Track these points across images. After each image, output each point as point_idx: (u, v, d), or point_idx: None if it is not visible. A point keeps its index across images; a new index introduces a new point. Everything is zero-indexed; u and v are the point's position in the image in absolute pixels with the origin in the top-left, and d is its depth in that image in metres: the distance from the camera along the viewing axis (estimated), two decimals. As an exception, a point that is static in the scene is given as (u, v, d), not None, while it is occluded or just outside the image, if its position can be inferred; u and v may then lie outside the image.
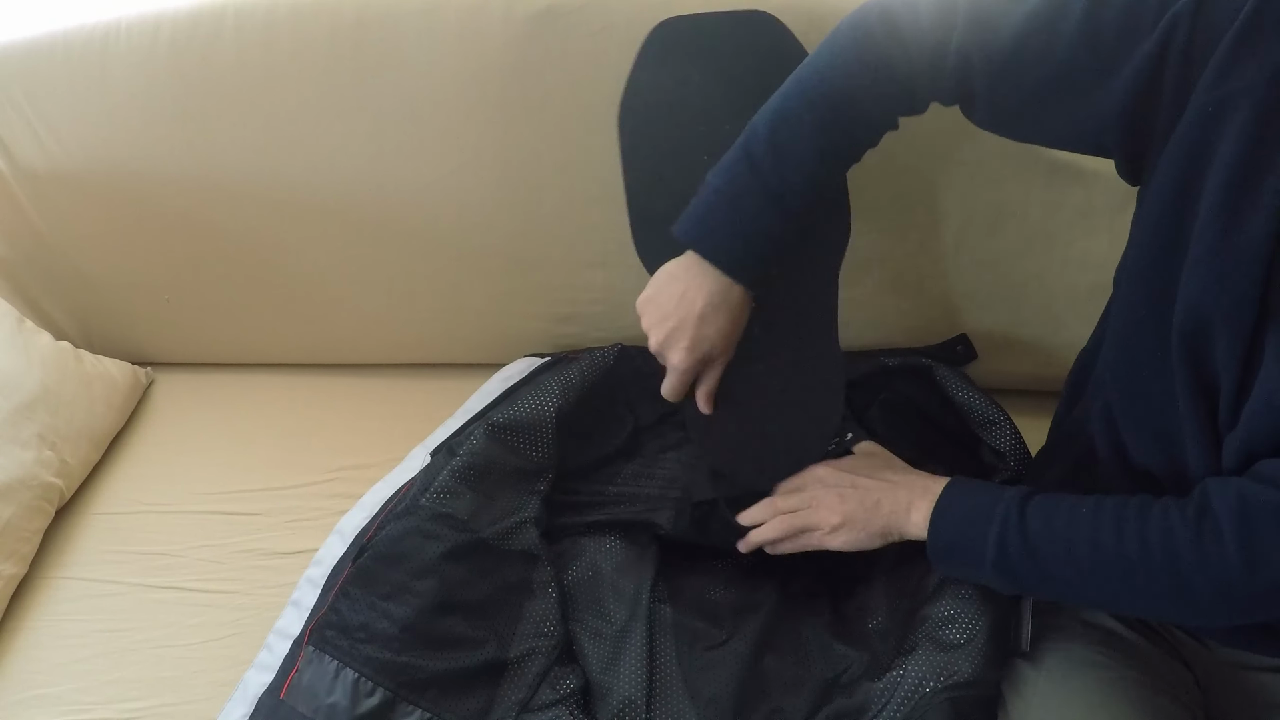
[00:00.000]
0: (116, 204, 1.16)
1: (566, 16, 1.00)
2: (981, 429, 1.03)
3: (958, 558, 0.80)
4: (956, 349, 1.15)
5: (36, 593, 1.05)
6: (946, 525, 0.80)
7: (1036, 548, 0.73)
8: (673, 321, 0.86)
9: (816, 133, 0.79)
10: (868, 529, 0.85)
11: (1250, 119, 0.61)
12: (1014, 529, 0.74)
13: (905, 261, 1.10)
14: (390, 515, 0.97)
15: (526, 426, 1.02)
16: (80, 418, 1.14)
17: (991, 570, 0.76)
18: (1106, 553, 0.70)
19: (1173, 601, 0.69)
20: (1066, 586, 0.74)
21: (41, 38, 1.09)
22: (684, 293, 0.84)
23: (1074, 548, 0.72)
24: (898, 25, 0.77)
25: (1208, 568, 0.65)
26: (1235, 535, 0.64)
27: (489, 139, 1.07)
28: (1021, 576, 0.76)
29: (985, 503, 0.78)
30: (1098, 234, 1.03)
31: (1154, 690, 0.78)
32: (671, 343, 0.86)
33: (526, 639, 0.91)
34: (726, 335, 0.86)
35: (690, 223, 0.83)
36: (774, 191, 0.80)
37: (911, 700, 0.81)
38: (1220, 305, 0.64)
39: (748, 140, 0.81)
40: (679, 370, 0.88)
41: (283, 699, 0.86)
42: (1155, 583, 0.68)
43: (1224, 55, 0.62)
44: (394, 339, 1.26)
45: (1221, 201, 0.63)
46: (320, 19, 1.03)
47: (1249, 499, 0.65)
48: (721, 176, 0.82)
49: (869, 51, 0.78)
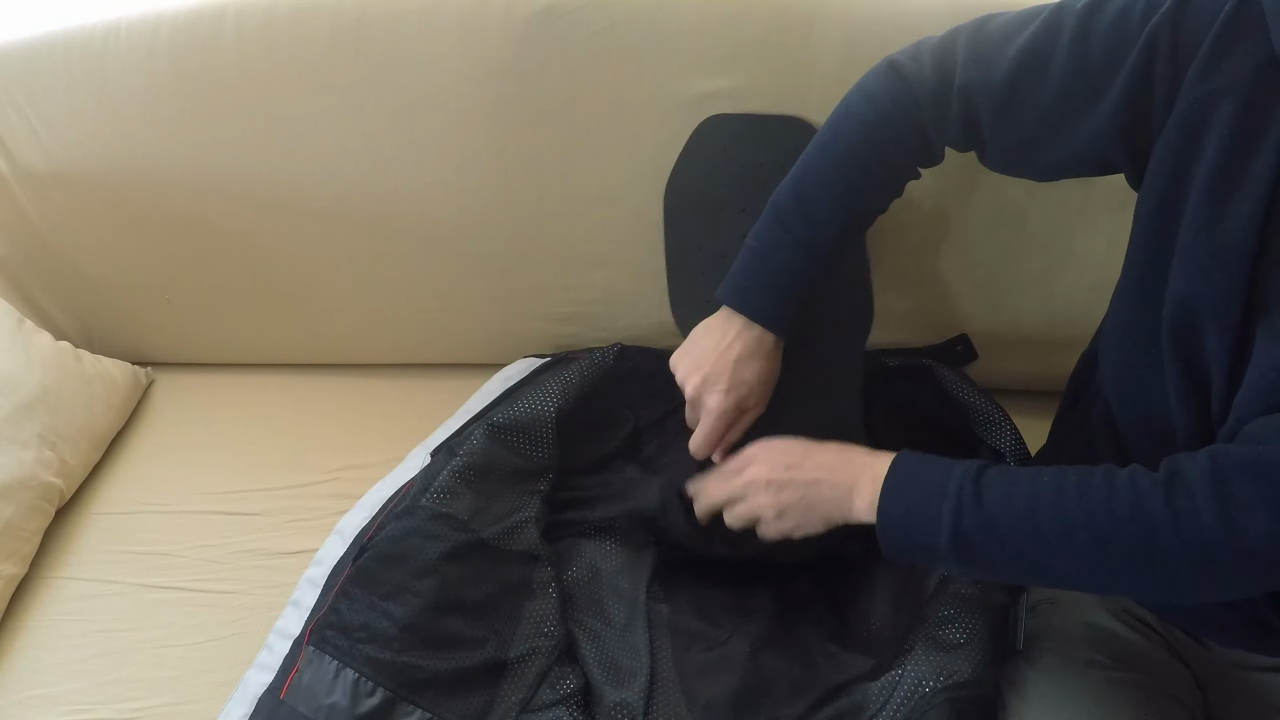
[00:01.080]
0: (116, 204, 1.16)
1: (566, 16, 1.00)
2: (982, 429, 1.03)
3: (911, 540, 0.72)
4: (956, 349, 1.15)
5: (36, 593, 1.05)
6: (895, 506, 0.73)
7: (996, 522, 0.68)
8: (708, 367, 0.87)
9: (838, 179, 0.83)
10: (808, 517, 0.79)
11: (1233, 115, 0.63)
12: (969, 504, 0.68)
13: (905, 261, 1.10)
14: (390, 515, 0.97)
15: (527, 426, 1.03)
16: (80, 418, 1.14)
17: (948, 551, 0.69)
18: (1073, 523, 0.65)
19: (1146, 573, 0.64)
20: (1031, 565, 0.68)
21: (41, 38, 1.09)
22: (718, 341, 0.87)
23: (1037, 520, 0.66)
24: (904, 74, 0.81)
25: (1181, 530, 0.61)
26: (1208, 492, 0.61)
27: (489, 139, 1.08)
28: (981, 555, 0.69)
29: (936, 478, 0.71)
30: (1098, 234, 1.03)
31: (1154, 691, 0.78)
32: (709, 386, 0.87)
33: (527, 639, 0.91)
34: (764, 381, 0.87)
35: (726, 283, 0.88)
36: (801, 238, 0.84)
37: (911, 700, 0.81)
38: (1207, 298, 0.65)
39: (776, 199, 0.86)
40: (715, 413, 0.86)
41: (283, 699, 0.86)
42: (1126, 552, 0.64)
43: (1206, 55, 0.64)
44: (394, 339, 1.26)
45: (1207, 195, 0.64)
46: (320, 19, 1.03)
47: (1221, 456, 0.62)
48: (755, 237, 0.86)
49: (880, 103, 0.82)
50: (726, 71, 1.01)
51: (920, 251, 1.09)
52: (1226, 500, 0.60)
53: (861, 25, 0.98)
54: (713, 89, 1.02)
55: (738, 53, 1.01)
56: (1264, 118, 0.62)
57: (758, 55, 1.00)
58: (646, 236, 1.10)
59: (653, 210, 1.08)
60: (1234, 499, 0.60)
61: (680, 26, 1.00)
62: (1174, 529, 0.61)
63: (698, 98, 1.03)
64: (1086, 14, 0.71)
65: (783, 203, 0.85)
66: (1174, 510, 0.62)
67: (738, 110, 1.02)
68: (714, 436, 0.88)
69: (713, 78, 1.02)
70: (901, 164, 0.84)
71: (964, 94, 0.77)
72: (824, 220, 0.84)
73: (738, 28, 1.00)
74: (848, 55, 0.97)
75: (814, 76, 1.00)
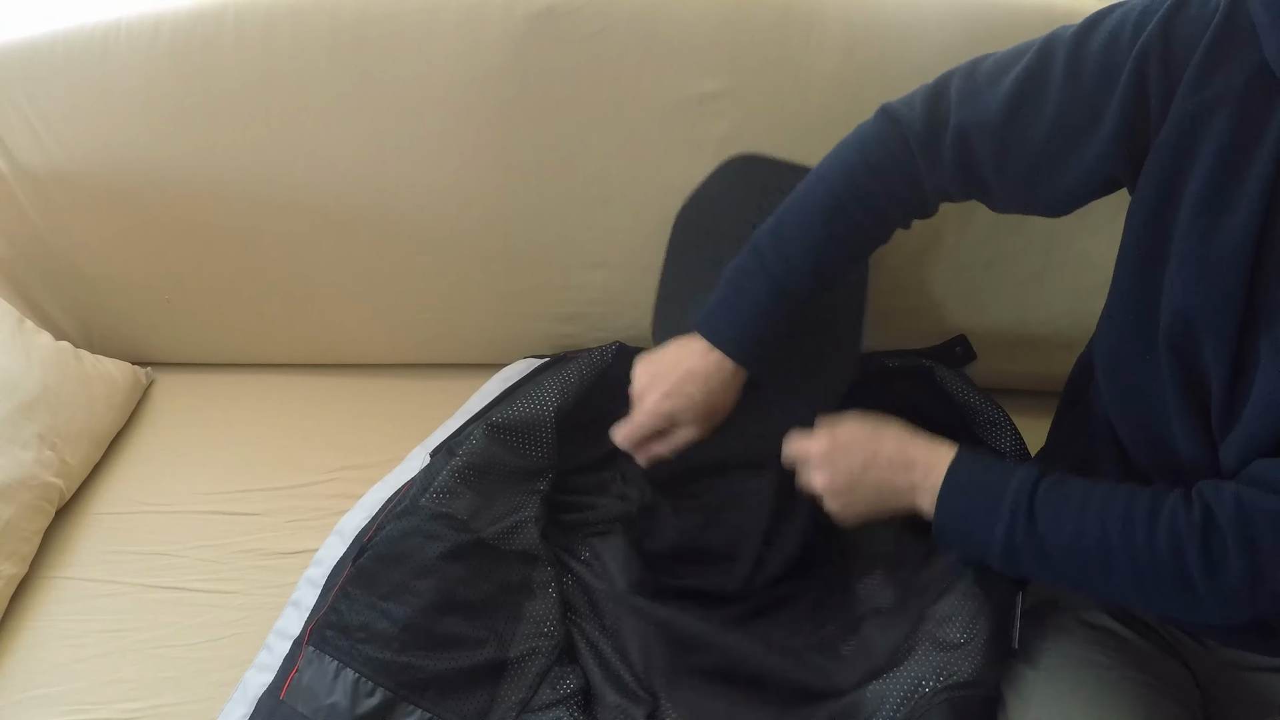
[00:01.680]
0: (116, 204, 1.16)
1: (566, 16, 1.00)
2: (982, 430, 1.03)
3: (964, 545, 0.79)
4: (956, 350, 1.15)
5: (36, 593, 1.05)
6: (951, 516, 0.77)
7: (1045, 544, 0.72)
8: (660, 371, 0.88)
9: (815, 223, 0.84)
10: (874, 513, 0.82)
11: (1226, 125, 0.63)
12: (1022, 524, 0.72)
13: (905, 262, 1.10)
14: (390, 515, 0.97)
15: (526, 426, 1.03)
16: (80, 418, 1.14)
17: (998, 559, 0.75)
18: (1115, 554, 0.69)
19: (1176, 603, 0.69)
20: (1070, 578, 0.74)
21: (41, 38, 1.09)
22: (678, 356, 0.88)
23: (1083, 547, 0.70)
24: (897, 119, 0.81)
25: (1214, 577, 0.65)
26: (1238, 546, 0.64)
27: (489, 139, 1.08)
28: (1028, 568, 0.75)
29: (992, 493, 0.75)
30: (1098, 234, 1.03)
31: (1153, 690, 0.78)
32: (652, 386, 0.88)
33: (526, 639, 0.91)
34: (708, 403, 0.87)
35: (701, 312, 0.89)
36: (774, 274, 0.85)
37: (911, 700, 0.81)
38: (1205, 307, 0.65)
39: (758, 234, 0.87)
40: (647, 412, 0.87)
41: (282, 699, 0.86)
42: (1161, 585, 0.68)
43: (1197, 67, 0.64)
44: (394, 339, 1.26)
45: (1202, 204, 0.64)
46: (320, 19, 1.03)
47: (1246, 506, 0.64)
48: (732, 268, 0.88)
49: (870, 150, 0.82)
50: (726, 71, 1.01)
51: (920, 252, 1.09)
52: (1255, 555, 0.64)
53: (861, 26, 0.98)
54: (713, 89, 1.02)
55: (738, 53, 1.01)
56: (1257, 127, 0.62)
57: (758, 55, 1.00)
58: (646, 236, 1.10)
59: (653, 210, 1.08)
60: (1261, 551, 0.64)
61: (680, 27, 1.00)
62: (1208, 578, 0.65)
63: (698, 98, 1.03)
64: (1077, 41, 0.71)
65: (762, 238, 0.86)
66: (1209, 564, 0.65)
67: (737, 110, 1.02)
68: (635, 432, 0.89)
69: (713, 78, 1.02)
70: (890, 214, 0.84)
71: (959, 134, 0.77)
72: (798, 263, 0.84)
73: (738, 28, 1.00)
74: (848, 55, 0.98)
75: (814, 77, 1.00)
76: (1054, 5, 0.94)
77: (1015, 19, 0.92)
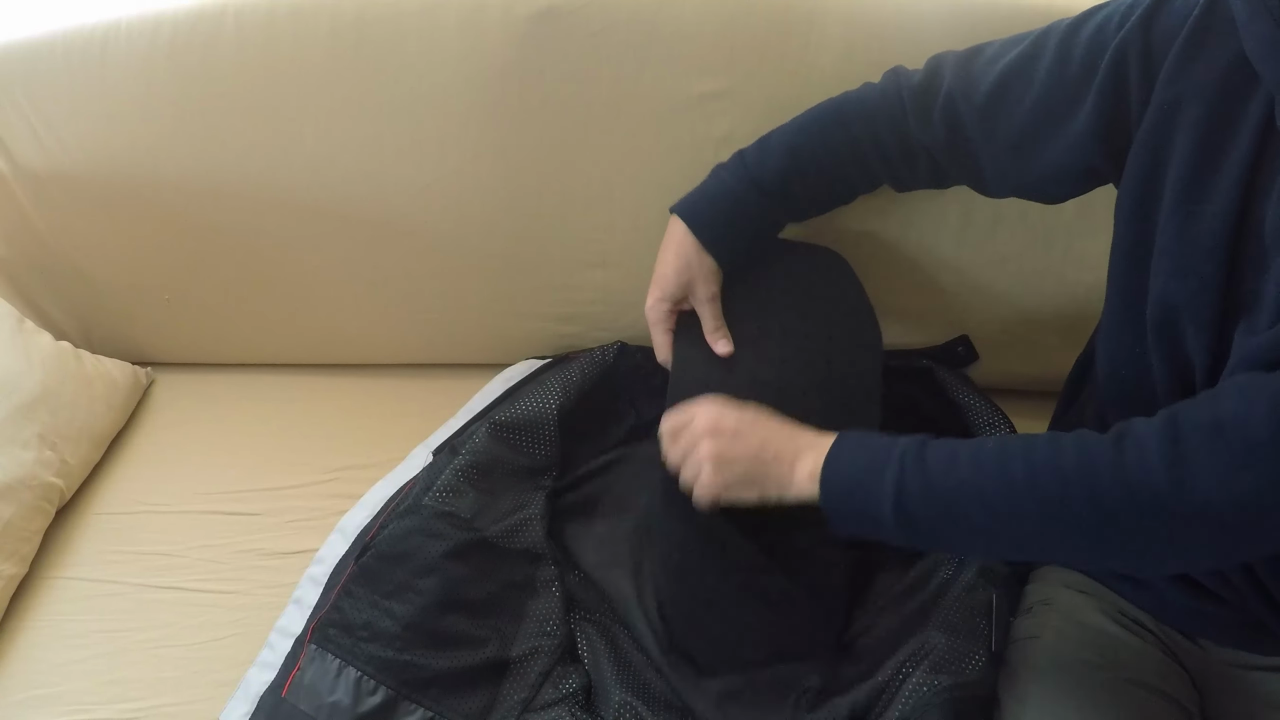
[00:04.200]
0: (116, 204, 1.16)
1: (566, 16, 1.00)
2: (982, 430, 1.03)
3: (853, 508, 0.71)
4: (957, 350, 1.15)
5: (36, 593, 1.05)
6: (838, 473, 0.71)
7: (939, 488, 0.66)
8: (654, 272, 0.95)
9: (799, 130, 0.91)
10: (750, 484, 0.77)
11: (1202, 115, 0.64)
12: (913, 470, 0.67)
13: (905, 262, 1.10)
14: (393, 514, 0.98)
15: (529, 425, 1.03)
16: (80, 418, 1.14)
17: (892, 518, 0.68)
18: (1018, 484, 0.63)
19: (1094, 537, 0.62)
20: (976, 534, 0.67)
21: (41, 38, 1.09)
22: (660, 251, 0.95)
23: (982, 486, 0.65)
24: (896, 76, 0.87)
25: (1130, 484, 0.60)
26: (1160, 447, 0.59)
27: (489, 139, 1.08)
28: (925, 523, 0.68)
29: (881, 446, 0.71)
30: (1098, 234, 1.03)
31: (1149, 691, 0.78)
32: (649, 299, 0.96)
33: (529, 638, 0.91)
34: (677, 268, 0.92)
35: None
36: (748, 163, 0.91)
37: (911, 700, 0.81)
38: (1185, 296, 0.66)
39: (745, 147, 0.94)
40: (648, 314, 0.95)
41: (284, 697, 0.86)
42: (1073, 514, 0.62)
43: (1175, 58, 0.65)
44: (394, 339, 1.26)
45: (1181, 195, 0.65)
46: (320, 19, 1.03)
47: (1179, 413, 0.61)
48: (715, 166, 0.94)
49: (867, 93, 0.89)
50: (726, 71, 1.02)
51: (920, 252, 1.10)
52: (1178, 455, 0.59)
53: (861, 26, 0.98)
54: (713, 89, 1.02)
55: (738, 53, 1.01)
56: (1234, 118, 0.63)
57: (758, 55, 1.01)
58: (646, 236, 1.09)
59: (653, 210, 1.08)
60: (1186, 455, 0.59)
61: (680, 27, 1.00)
62: (1122, 483, 0.60)
63: (698, 98, 1.03)
64: (1070, 30, 0.74)
65: (750, 145, 0.93)
66: (1122, 463, 0.60)
67: (737, 110, 1.02)
68: (659, 340, 0.96)
69: (713, 78, 1.02)
70: (868, 156, 0.88)
71: (949, 98, 0.81)
72: (773, 163, 0.90)
73: (738, 28, 1.00)
74: (848, 56, 0.98)
75: (814, 77, 1.00)
76: (1054, 5, 0.94)
77: (1016, 19, 0.92)
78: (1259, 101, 0.62)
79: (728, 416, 0.80)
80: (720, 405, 0.81)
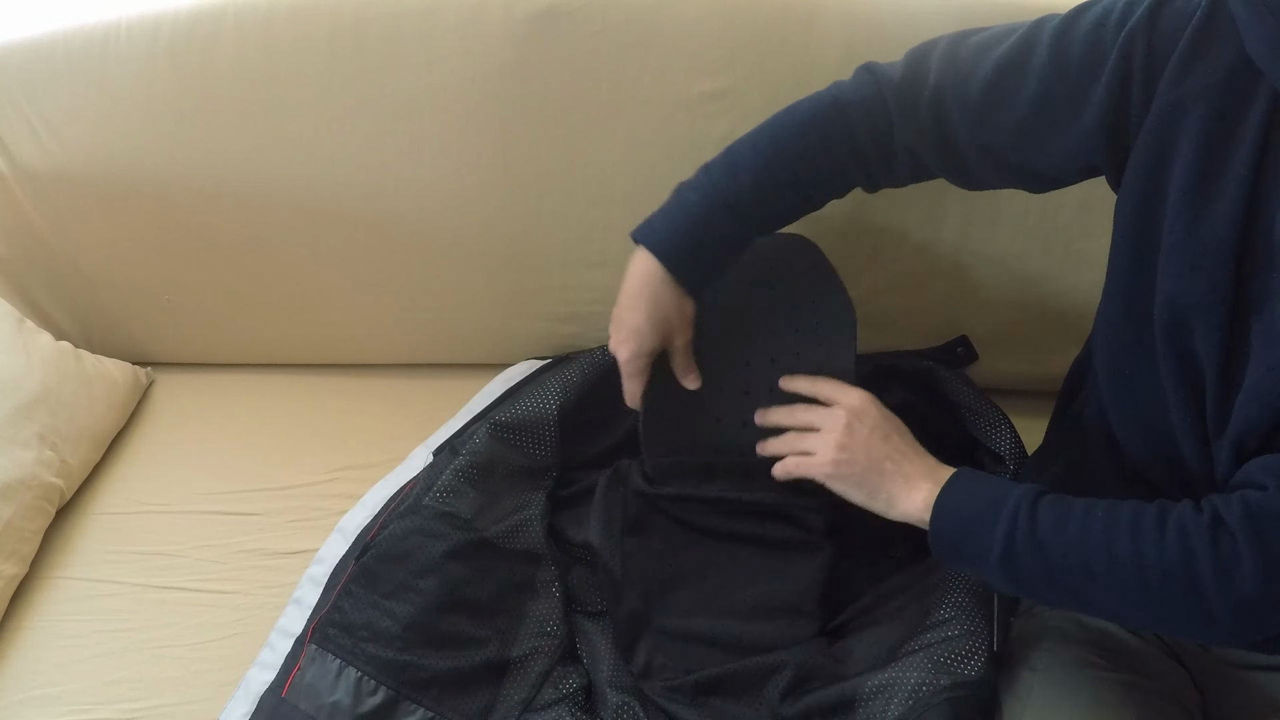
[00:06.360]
0: (116, 204, 1.16)
1: (566, 16, 1.00)
2: (981, 432, 1.03)
3: (961, 547, 0.75)
4: (957, 350, 1.15)
5: (36, 593, 1.05)
6: (951, 514, 0.75)
7: (1046, 549, 0.70)
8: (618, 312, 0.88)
9: (766, 140, 0.84)
10: (861, 486, 0.81)
11: (1207, 115, 0.64)
12: (1024, 527, 0.70)
13: (905, 262, 1.10)
14: (393, 514, 0.98)
15: (529, 425, 1.03)
16: (80, 418, 1.14)
17: (997, 568, 0.71)
18: (1121, 559, 0.67)
19: (1184, 613, 0.66)
20: (1073, 593, 0.71)
21: (41, 38, 1.09)
22: (625, 284, 0.88)
23: (1087, 552, 0.68)
24: (874, 73, 0.82)
25: (1226, 581, 0.63)
26: (1248, 544, 0.62)
27: (489, 139, 1.08)
28: (1027, 577, 0.71)
29: (994, 496, 0.73)
30: (1098, 234, 1.03)
31: (1151, 691, 0.79)
32: (614, 337, 0.89)
33: (529, 638, 0.91)
34: (653, 320, 0.86)
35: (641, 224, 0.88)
36: (716, 183, 0.84)
37: (911, 700, 0.81)
38: (1194, 296, 0.66)
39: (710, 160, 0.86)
40: (620, 365, 0.89)
41: (285, 697, 0.86)
42: (1170, 593, 0.65)
43: (1180, 58, 0.65)
44: (394, 339, 1.26)
45: (1186, 195, 0.65)
46: (320, 19, 1.03)
47: (1253, 506, 0.63)
48: (679, 185, 0.87)
49: (843, 93, 0.83)
50: (726, 71, 1.02)
51: (920, 252, 1.10)
52: (1266, 552, 0.62)
53: (861, 26, 0.98)
54: (713, 89, 1.02)
55: (738, 53, 1.01)
56: (1238, 118, 0.63)
57: (758, 55, 1.01)
58: (646, 236, 1.10)
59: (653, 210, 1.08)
60: (1269, 548, 0.62)
61: (680, 27, 1.00)
62: (1219, 580, 0.63)
63: (698, 98, 1.03)
64: (1064, 25, 0.73)
65: (714, 159, 0.86)
66: (1220, 564, 0.63)
67: (737, 110, 1.02)
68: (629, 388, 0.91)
69: (713, 78, 1.02)
70: (841, 153, 0.83)
71: (937, 95, 0.78)
72: (743, 178, 0.84)
73: (738, 28, 1.00)
74: (848, 56, 0.98)
75: (814, 77, 0.99)
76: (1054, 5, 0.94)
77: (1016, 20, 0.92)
78: (1261, 102, 0.62)
79: (874, 413, 0.83)
80: (873, 398, 0.84)
